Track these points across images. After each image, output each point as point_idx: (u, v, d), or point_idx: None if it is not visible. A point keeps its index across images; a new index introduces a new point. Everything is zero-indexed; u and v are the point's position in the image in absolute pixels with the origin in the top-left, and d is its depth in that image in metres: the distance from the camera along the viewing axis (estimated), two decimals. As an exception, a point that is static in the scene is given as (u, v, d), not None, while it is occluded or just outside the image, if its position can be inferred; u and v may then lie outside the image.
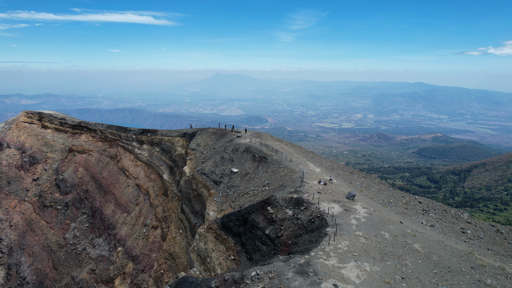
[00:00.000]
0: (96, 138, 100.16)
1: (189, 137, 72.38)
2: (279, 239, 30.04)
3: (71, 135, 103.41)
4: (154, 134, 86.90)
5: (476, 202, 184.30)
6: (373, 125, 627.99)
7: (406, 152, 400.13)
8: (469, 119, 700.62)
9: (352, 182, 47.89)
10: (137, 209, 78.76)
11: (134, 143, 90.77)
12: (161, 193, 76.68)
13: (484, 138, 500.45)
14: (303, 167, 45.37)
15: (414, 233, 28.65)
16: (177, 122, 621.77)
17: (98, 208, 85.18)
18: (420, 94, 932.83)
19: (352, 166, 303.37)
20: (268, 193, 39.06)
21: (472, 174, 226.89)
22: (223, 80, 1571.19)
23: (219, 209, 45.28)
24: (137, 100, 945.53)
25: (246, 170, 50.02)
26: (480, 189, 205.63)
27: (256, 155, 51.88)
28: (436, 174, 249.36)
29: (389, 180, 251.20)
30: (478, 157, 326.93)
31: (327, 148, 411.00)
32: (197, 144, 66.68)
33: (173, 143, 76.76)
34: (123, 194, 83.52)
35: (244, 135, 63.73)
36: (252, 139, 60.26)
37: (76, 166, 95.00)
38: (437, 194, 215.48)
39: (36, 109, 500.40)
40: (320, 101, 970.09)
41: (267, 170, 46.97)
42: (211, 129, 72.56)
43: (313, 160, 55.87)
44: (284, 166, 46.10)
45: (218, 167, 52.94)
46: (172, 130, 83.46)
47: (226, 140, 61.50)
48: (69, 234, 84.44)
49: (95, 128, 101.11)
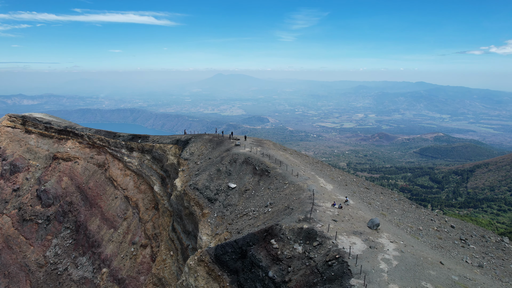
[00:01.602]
0: (83, 144, 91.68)
1: (182, 145, 65.36)
2: (286, 286, 24.67)
3: (57, 141, 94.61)
4: (145, 140, 79.46)
5: (480, 203, 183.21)
6: (375, 125, 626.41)
7: (408, 152, 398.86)
8: (471, 119, 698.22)
9: (371, 202, 41.52)
10: (125, 225, 71.80)
11: (123, 150, 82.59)
12: (152, 207, 70.04)
13: (486, 138, 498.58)
14: (312, 184, 39.69)
15: (464, 281, 22.72)
16: (178, 122, 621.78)
17: (83, 223, 77.63)
18: (421, 94, 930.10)
19: (354, 166, 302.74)
20: (271, 216, 34.01)
21: (475, 174, 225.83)
22: (224, 80, 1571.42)
23: (213, 233, 39.75)
24: (138, 100, 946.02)
25: (245, 185, 44.40)
26: (483, 190, 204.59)
27: (257, 167, 45.97)
28: (439, 174, 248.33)
29: (391, 180, 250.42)
30: (480, 157, 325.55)
31: (329, 148, 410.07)
32: (191, 153, 59.86)
33: (165, 151, 69.03)
34: (110, 207, 76.53)
35: (243, 143, 57.60)
36: (252, 148, 53.91)
37: (60, 175, 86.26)
38: (440, 194, 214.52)
39: (37, 109, 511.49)
40: (321, 101, 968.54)
41: (270, 186, 41.44)
42: (206, 135, 65.82)
43: (323, 174, 49.38)
44: (290, 181, 40.32)
45: (214, 182, 46.85)
46: (164, 136, 75.63)
47: (223, 149, 55.10)
48: (50, 251, 76.69)
49: (82, 133, 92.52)
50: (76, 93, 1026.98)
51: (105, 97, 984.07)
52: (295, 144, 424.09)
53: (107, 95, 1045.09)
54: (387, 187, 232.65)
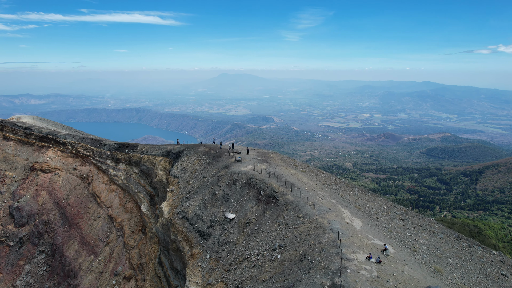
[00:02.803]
0: (66, 153, 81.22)
1: (173, 158, 56.55)
2: None
3: (38, 149, 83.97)
4: (133, 150, 69.89)
5: (490, 205, 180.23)
6: (380, 125, 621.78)
7: (414, 152, 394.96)
8: (479, 119, 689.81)
9: (415, 247, 31.21)
10: (107, 251, 62.28)
11: (108, 161, 72.89)
12: (138, 230, 60.79)
13: (494, 138, 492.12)
14: (334, 218, 31.55)
15: None
16: (183, 121, 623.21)
17: (60, 247, 67.44)
18: (428, 93, 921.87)
19: (360, 166, 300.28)
20: (281, 267, 26.45)
21: (484, 175, 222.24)
22: (229, 80, 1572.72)
23: (204, 282, 31.95)
24: (143, 100, 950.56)
25: (247, 216, 35.91)
26: (493, 192, 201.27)
27: (262, 192, 37.46)
28: (446, 175, 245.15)
29: (397, 181, 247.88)
30: (488, 158, 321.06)
31: (334, 148, 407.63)
32: (182, 169, 50.99)
33: (154, 164, 59.96)
34: (91, 229, 67.08)
35: (245, 158, 48.61)
36: (256, 165, 44.92)
37: (38, 190, 75.48)
38: (448, 196, 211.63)
39: (44, 109, 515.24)
40: (326, 101, 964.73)
41: (279, 219, 33.37)
42: (202, 147, 57.27)
43: (346, 201, 39.15)
44: (305, 214, 32.18)
45: (207, 209, 38.34)
46: (154, 146, 66.79)
47: (221, 166, 46.31)
48: (20, 281, 66.26)
49: (64, 141, 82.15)
50: (82, 92, 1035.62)
51: (111, 97, 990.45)
52: (300, 144, 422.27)
53: (113, 94, 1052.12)
54: (394, 188, 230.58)
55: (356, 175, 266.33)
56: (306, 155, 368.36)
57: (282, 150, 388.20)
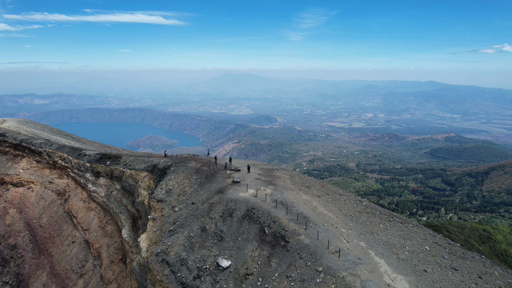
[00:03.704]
0: (42, 163, 70.17)
1: (159, 175, 47.98)
2: None
3: (12, 158, 73.48)
4: (116, 162, 59.64)
5: (497, 207, 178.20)
6: (384, 125, 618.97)
7: (418, 152, 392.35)
8: (483, 119, 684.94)
9: None
10: (81, 285, 52.32)
11: (87, 174, 62.75)
12: (119, 259, 51.59)
13: (499, 138, 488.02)
14: (369, 277, 23.28)
15: None
16: (186, 121, 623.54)
17: (25, 278, 56.98)
18: (431, 93, 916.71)
19: (363, 167, 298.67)
20: None
21: (490, 176, 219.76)
22: (233, 80, 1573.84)
23: None
24: (147, 100, 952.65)
25: (246, 264, 27.76)
26: (499, 193, 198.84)
27: (266, 229, 29.10)
28: (451, 176, 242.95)
29: (402, 182, 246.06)
30: (494, 158, 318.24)
31: (337, 148, 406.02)
32: (168, 190, 42.35)
33: (137, 181, 51.06)
34: (63, 256, 56.68)
35: (245, 178, 39.52)
36: (259, 189, 35.77)
37: (6, 207, 64.89)
38: (453, 197, 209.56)
39: (48, 108, 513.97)
40: (329, 100, 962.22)
41: (290, 271, 25.39)
42: (193, 162, 48.82)
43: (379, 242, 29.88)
44: (327, 268, 24.20)
45: (195, 251, 29.73)
46: (139, 159, 56.13)
47: (214, 189, 37.66)
48: None
49: (40, 149, 71.13)
50: (85, 92, 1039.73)
51: (114, 97, 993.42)
52: (303, 144, 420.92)
53: (116, 94, 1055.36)
54: (398, 189, 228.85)
55: (359, 176, 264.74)
56: (309, 155, 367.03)
57: (285, 150, 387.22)
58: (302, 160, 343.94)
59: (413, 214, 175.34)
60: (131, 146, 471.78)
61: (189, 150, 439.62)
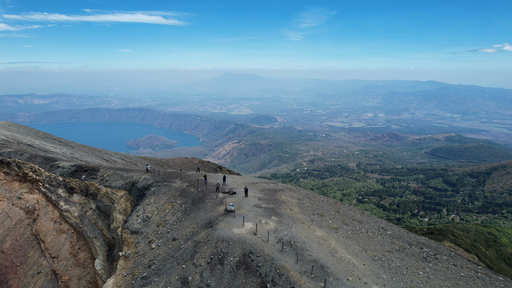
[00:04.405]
0: (11, 175, 60.53)
1: (137, 196, 40.44)
2: None
3: None
4: (92, 175, 51.46)
5: (499, 208, 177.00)
6: (384, 125, 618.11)
7: (419, 152, 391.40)
8: (483, 118, 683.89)
9: None
10: None
11: (60, 190, 53.91)
12: None
13: (499, 138, 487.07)
14: None
15: None
16: (186, 121, 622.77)
17: None
18: (432, 93, 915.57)
19: (364, 167, 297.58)
20: None
21: (492, 176, 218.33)
22: (233, 79, 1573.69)
23: None
24: (147, 100, 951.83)
25: None
26: (502, 193, 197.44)
27: (269, 286, 21.04)
28: (453, 176, 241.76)
29: (402, 182, 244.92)
30: (495, 158, 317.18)
31: (338, 148, 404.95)
32: (145, 218, 34.93)
33: (113, 201, 43.57)
34: None
35: (241, 205, 31.77)
36: (259, 221, 27.91)
37: None
38: (455, 198, 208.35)
39: (48, 108, 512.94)
40: (330, 100, 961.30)
41: None
42: (178, 181, 40.76)
43: None
44: None
45: None
46: (118, 173, 48.12)
47: (202, 220, 29.77)
48: None
49: (8, 159, 60.91)
50: (85, 92, 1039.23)
51: (114, 97, 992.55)
52: (303, 144, 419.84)
53: (116, 94, 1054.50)
54: (399, 189, 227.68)
55: (360, 176, 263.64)
56: (310, 155, 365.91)
57: (286, 150, 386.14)
58: (302, 160, 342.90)
59: (415, 215, 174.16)
60: (131, 146, 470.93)
61: (189, 150, 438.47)
